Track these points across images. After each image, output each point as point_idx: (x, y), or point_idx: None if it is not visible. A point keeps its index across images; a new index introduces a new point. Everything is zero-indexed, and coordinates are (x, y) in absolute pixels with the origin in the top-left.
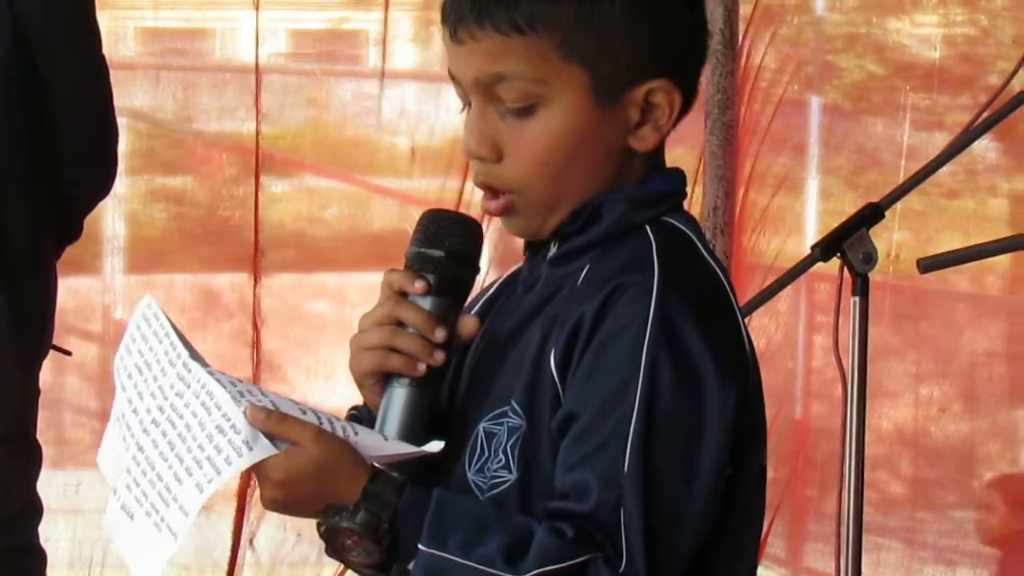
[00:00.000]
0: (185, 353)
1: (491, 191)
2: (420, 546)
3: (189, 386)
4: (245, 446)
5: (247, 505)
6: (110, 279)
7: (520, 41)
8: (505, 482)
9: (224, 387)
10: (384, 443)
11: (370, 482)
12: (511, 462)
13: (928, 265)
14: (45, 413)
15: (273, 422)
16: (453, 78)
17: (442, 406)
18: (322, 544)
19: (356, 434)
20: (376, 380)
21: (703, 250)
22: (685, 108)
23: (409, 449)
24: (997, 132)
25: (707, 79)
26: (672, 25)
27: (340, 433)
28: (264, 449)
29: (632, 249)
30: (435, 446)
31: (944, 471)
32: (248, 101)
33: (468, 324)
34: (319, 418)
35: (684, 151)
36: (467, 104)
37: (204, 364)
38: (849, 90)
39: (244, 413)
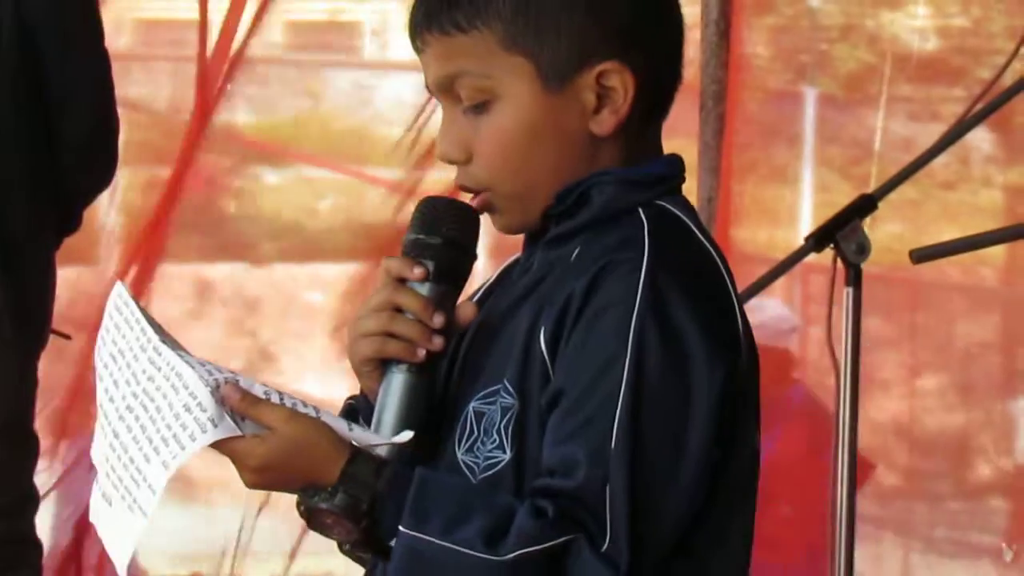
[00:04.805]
0: (156, 338)
1: (469, 191)
2: (400, 527)
3: (159, 369)
4: (210, 423)
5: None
6: (106, 269)
7: (465, 39)
8: (500, 462)
9: (193, 368)
10: (348, 432)
11: (348, 463)
12: (505, 442)
13: (920, 256)
14: (38, 401)
15: (247, 403)
16: (427, 88)
17: (438, 391)
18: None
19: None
20: (374, 367)
21: (698, 233)
22: (654, 89)
23: (376, 440)
24: (991, 123)
25: (701, 70)
26: (616, 5)
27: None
28: (228, 428)
29: (624, 230)
30: (404, 436)
31: (938, 462)
32: (245, 91)
33: (466, 310)
34: (288, 402)
35: (682, 142)
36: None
37: (175, 346)
38: (843, 81)
39: (212, 392)
